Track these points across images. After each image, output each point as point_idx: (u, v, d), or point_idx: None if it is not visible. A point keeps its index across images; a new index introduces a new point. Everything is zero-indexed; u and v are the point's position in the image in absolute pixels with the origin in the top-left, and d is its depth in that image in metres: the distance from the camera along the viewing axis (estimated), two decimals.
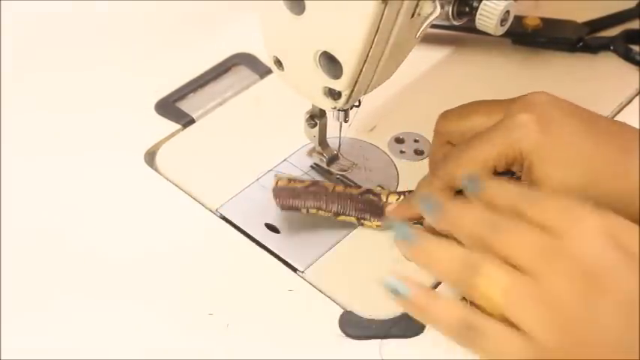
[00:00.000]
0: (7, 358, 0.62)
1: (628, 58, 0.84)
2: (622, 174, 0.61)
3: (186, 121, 0.79)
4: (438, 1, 0.60)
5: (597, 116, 0.64)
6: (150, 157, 0.76)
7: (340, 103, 0.65)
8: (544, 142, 0.61)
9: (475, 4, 0.62)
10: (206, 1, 0.89)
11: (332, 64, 0.62)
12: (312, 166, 0.74)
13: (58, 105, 0.80)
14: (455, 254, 0.53)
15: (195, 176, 0.74)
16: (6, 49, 0.84)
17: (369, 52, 0.60)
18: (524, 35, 0.85)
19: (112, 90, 0.81)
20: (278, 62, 0.66)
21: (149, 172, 0.75)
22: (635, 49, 0.84)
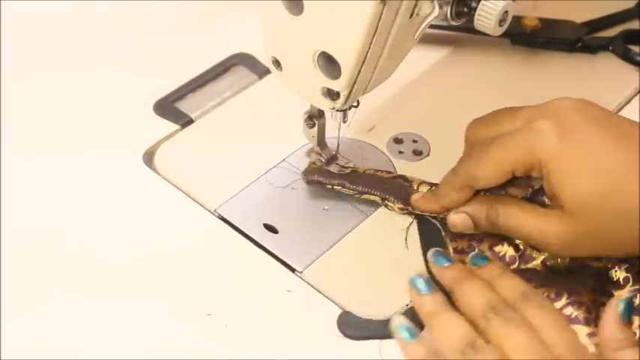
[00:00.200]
0: (7, 358, 0.62)
1: (627, 58, 0.84)
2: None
3: (185, 121, 0.79)
4: (436, 2, 0.60)
5: (622, 120, 0.63)
6: (148, 158, 0.76)
7: (339, 104, 0.65)
8: (562, 150, 0.61)
9: (474, 5, 0.62)
10: (205, 2, 0.89)
11: (330, 65, 0.62)
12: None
13: (57, 105, 0.80)
14: (462, 333, 0.59)
15: (193, 176, 0.74)
16: (6, 49, 0.84)
17: (368, 52, 0.60)
18: (522, 35, 0.85)
19: (111, 90, 0.81)
20: (277, 62, 0.66)
21: (147, 172, 0.75)
22: (634, 49, 0.84)
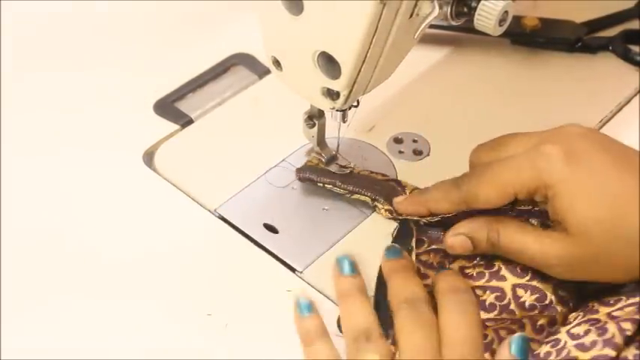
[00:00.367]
0: (7, 358, 0.62)
1: (627, 58, 0.84)
2: None
3: (185, 121, 0.79)
4: (436, 2, 0.60)
5: (625, 147, 0.64)
6: (148, 158, 0.76)
7: (339, 104, 0.65)
8: (569, 174, 0.61)
9: (473, 5, 0.62)
10: (205, 2, 0.89)
11: (330, 65, 0.62)
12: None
13: (57, 105, 0.80)
14: (363, 320, 0.60)
15: (193, 176, 0.74)
16: (6, 49, 0.84)
17: (368, 52, 0.61)
18: (522, 35, 0.85)
19: (111, 90, 0.81)
20: (277, 62, 0.66)
21: (147, 172, 0.75)
22: (634, 49, 0.84)
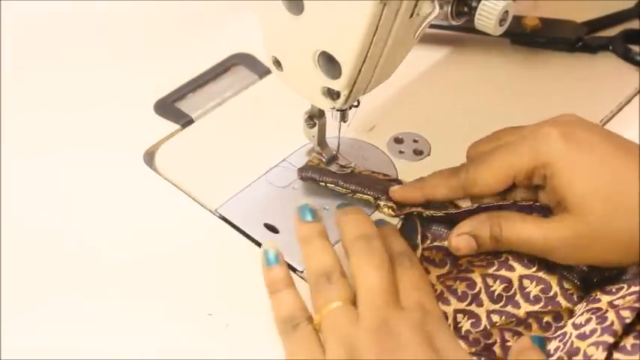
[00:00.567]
0: (7, 358, 0.62)
1: (627, 58, 0.84)
2: None
3: (186, 121, 0.79)
4: (436, 1, 0.60)
5: (619, 135, 0.65)
6: (149, 157, 0.76)
7: (339, 103, 0.65)
8: (567, 151, 0.62)
9: (474, 4, 0.62)
10: (205, 2, 0.89)
11: (331, 65, 0.62)
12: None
13: (57, 105, 0.80)
14: (324, 261, 0.62)
15: (194, 176, 0.74)
16: (6, 49, 0.84)
17: (368, 52, 0.60)
18: (523, 35, 0.85)
19: (111, 90, 0.81)
20: (277, 62, 0.66)
21: (148, 172, 0.75)
22: (635, 49, 0.84)
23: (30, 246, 0.69)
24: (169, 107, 0.80)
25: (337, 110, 0.67)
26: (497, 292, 0.64)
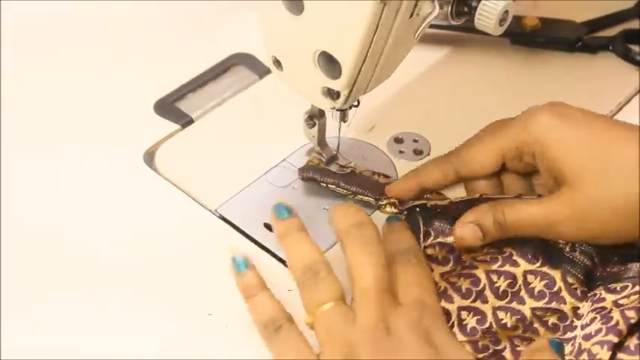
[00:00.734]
0: (7, 358, 0.62)
1: (627, 57, 0.84)
2: (635, 143, 0.62)
3: (185, 121, 0.79)
4: (436, 1, 0.60)
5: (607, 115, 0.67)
6: (149, 157, 0.76)
7: (339, 103, 0.65)
8: (558, 124, 0.64)
9: (474, 4, 0.62)
10: (205, 2, 0.89)
11: (331, 64, 0.62)
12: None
13: (57, 105, 0.80)
14: (307, 254, 0.62)
15: (194, 176, 0.74)
16: (6, 49, 0.84)
17: (368, 52, 0.61)
18: (523, 35, 0.85)
19: (111, 90, 0.81)
20: (277, 62, 0.66)
21: (148, 172, 0.75)
22: (634, 48, 0.84)
23: (30, 246, 0.69)
24: (169, 107, 0.80)
25: (337, 110, 0.67)
26: (502, 288, 0.64)
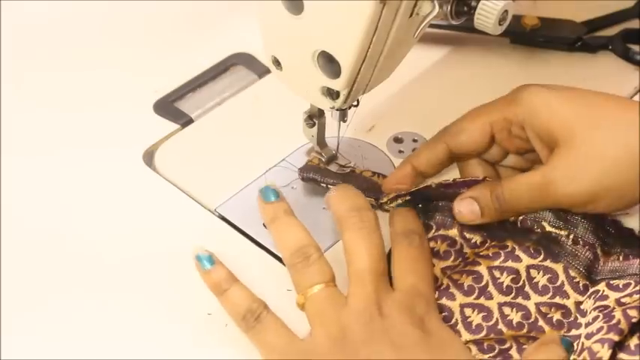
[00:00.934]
0: (7, 358, 0.62)
1: (627, 57, 0.84)
2: (627, 104, 0.63)
3: (185, 120, 0.79)
4: (436, 1, 0.60)
5: None
6: (148, 157, 0.76)
7: (338, 103, 0.65)
8: (544, 91, 0.65)
9: (473, 4, 0.62)
10: (205, 2, 0.89)
11: (330, 64, 0.62)
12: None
13: (57, 105, 0.80)
14: (297, 236, 0.63)
15: (193, 176, 0.74)
16: (6, 49, 0.84)
17: (367, 51, 0.61)
18: (522, 35, 0.85)
19: (111, 90, 0.81)
20: (276, 62, 0.66)
21: (147, 171, 0.75)
22: (634, 48, 0.84)
23: (30, 246, 0.69)
24: (169, 107, 0.80)
25: (337, 110, 0.67)
26: (505, 284, 0.64)
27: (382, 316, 0.59)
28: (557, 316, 0.64)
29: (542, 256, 0.65)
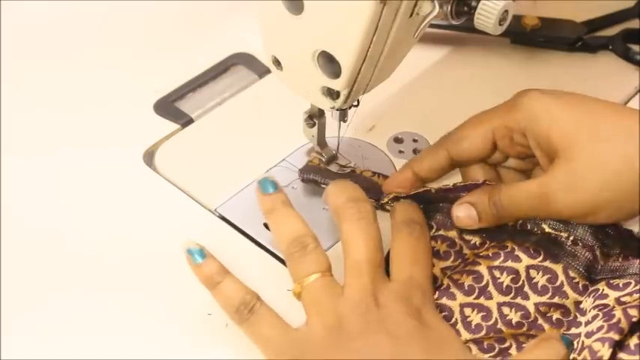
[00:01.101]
0: (7, 358, 0.62)
1: (627, 57, 0.84)
2: (626, 113, 0.63)
3: (185, 120, 0.79)
4: (436, 1, 0.60)
5: None
6: (149, 157, 0.76)
7: (339, 103, 0.65)
8: (545, 97, 0.64)
9: (474, 4, 0.62)
10: (205, 2, 0.89)
11: (330, 64, 0.62)
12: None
13: (57, 105, 0.80)
14: (295, 227, 0.62)
15: (193, 176, 0.74)
16: (6, 49, 0.84)
17: (368, 51, 0.61)
18: (522, 35, 0.85)
19: (111, 90, 0.81)
20: (277, 62, 0.66)
21: (148, 171, 0.75)
22: (634, 48, 0.84)
23: (30, 246, 0.69)
24: (169, 107, 0.80)
25: (337, 110, 0.67)
26: (505, 284, 0.64)
27: (378, 307, 0.59)
28: (556, 315, 0.64)
29: (541, 257, 0.65)
